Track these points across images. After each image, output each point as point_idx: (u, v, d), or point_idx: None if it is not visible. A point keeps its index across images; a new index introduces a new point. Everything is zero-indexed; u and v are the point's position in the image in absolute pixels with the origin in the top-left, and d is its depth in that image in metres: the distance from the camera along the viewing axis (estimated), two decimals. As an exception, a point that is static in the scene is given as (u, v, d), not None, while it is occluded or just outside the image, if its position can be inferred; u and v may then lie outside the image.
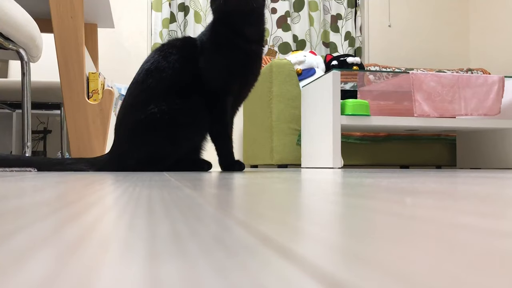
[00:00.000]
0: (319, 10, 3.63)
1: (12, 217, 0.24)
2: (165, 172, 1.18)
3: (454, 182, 0.68)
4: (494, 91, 2.30)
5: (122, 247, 0.16)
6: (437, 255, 0.15)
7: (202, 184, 0.58)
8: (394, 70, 3.27)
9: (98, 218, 0.24)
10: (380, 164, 2.74)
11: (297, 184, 0.61)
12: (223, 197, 0.38)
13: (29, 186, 0.53)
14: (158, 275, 0.12)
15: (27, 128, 1.49)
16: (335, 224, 0.22)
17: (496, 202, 0.35)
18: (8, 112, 2.85)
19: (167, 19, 3.36)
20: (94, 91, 1.83)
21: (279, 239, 0.18)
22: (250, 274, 0.12)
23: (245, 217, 0.25)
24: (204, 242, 0.17)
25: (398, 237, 0.18)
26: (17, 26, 1.35)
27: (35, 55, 1.55)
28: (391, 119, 2.23)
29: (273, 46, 3.57)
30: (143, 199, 0.36)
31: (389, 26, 3.82)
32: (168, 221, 0.23)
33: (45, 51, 2.46)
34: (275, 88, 2.55)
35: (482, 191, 0.48)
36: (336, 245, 0.17)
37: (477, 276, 0.12)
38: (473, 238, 0.18)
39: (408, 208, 0.29)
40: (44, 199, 0.35)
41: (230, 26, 1.34)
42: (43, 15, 2.00)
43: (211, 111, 1.35)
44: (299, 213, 0.26)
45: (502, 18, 3.61)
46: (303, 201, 0.35)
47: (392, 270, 0.13)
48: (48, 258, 0.14)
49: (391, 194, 0.42)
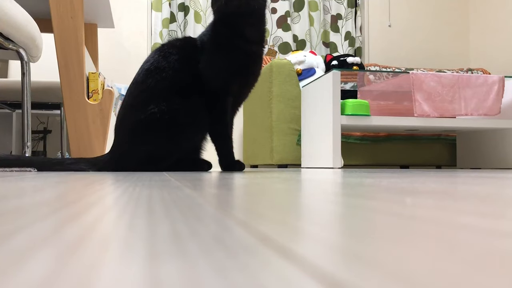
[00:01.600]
0: (319, 10, 3.63)
1: (12, 217, 0.24)
2: (165, 172, 1.18)
3: (454, 182, 0.68)
4: (494, 91, 2.30)
5: (122, 247, 0.16)
6: (437, 255, 0.15)
7: (202, 184, 0.58)
8: (394, 70, 3.27)
9: (98, 218, 0.24)
10: (380, 164, 2.74)
11: (297, 184, 0.61)
12: (223, 197, 0.38)
13: (29, 186, 0.53)
14: (158, 275, 0.12)
15: (27, 128, 1.49)
16: (335, 224, 0.22)
17: (496, 202, 0.35)
18: (8, 112, 2.85)
19: (167, 19, 3.36)
20: (94, 91, 1.83)
21: (279, 239, 0.18)
22: (250, 274, 0.12)
23: (245, 217, 0.25)
24: (204, 242, 0.17)
25: (398, 237, 0.18)
26: (17, 26, 1.35)
27: (35, 55, 1.55)
28: (391, 119, 2.23)
29: (273, 46, 3.57)
30: (143, 199, 0.36)
31: (389, 26, 3.82)
32: (168, 221, 0.23)
33: (45, 51, 2.46)
34: (275, 88, 2.55)
35: (482, 191, 0.48)
36: (336, 245, 0.17)
37: (477, 276, 0.12)
38: (473, 238, 0.18)
39: (408, 208, 0.29)
40: (44, 199, 0.35)
41: (231, 26, 1.34)
42: (43, 15, 2.00)
43: (211, 111, 1.35)
44: (299, 213, 0.26)
45: (502, 18, 3.61)
46: (303, 201, 0.35)
47: (392, 270, 0.13)
48: (48, 258, 0.14)
49: (391, 194, 0.42)
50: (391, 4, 3.83)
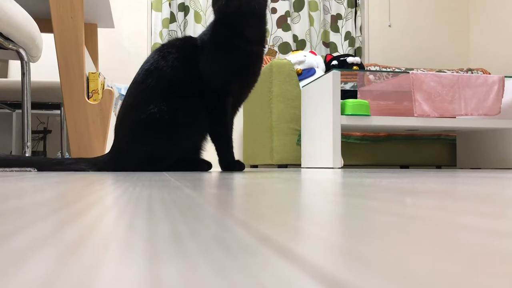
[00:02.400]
0: (319, 10, 3.63)
1: (12, 217, 0.24)
2: (165, 172, 1.18)
3: (454, 182, 0.68)
4: (494, 91, 2.30)
5: (122, 247, 0.16)
6: (437, 255, 0.15)
7: (202, 184, 0.58)
8: (394, 70, 3.27)
9: (98, 218, 0.24)
10: (380, 164, 2.74)
11: (297, 184, 0.60)
12: (223, 197, 0.38)
13: (29, 186, 0.53)
14: (158, 275, 0.12)
15: (27, 128, 1.49)
16: (335, 224, 0.22)
17: (496, 202, 0.35)
18: (8, 112, 2.85)
19: (167, 19, 3.36)
20: (94, 91, 1.83)
21: (279, 239, 0.18)
22: (250, 274, 0.12)
23: (245, 217, 0.25)
24: (204, 242, 0.17)
25: (398, 237, 0.18)
26: (17, 26, 1.35)
27: (35, 55, 1.55)
28: (391, 119, 2.23)
29: (273, 46, 3.57)
30: (143, 199, 0.36)
31: (389, 26, 3.82)
32: (168, 221, 0.23)
33: (45, 51, 2.46)
34: (275, 88, 2.55)
35: (482, 191, 0.48)
36: (336, 245, 0.17)
37: (477, 276, 0.12)
38: (473, 238, 0.18)
39: (408, 208, 0.29)
40: (44, 199, 0.35)
41: (232, 27, 1.33)
42: (43, 15, 2.00)
43: (211, 111, 1.35)
44: (299, 213, 0.26)
45: (502, 18, 3.61)
46: (303, 201, 0.35)
47: (392, 270, 0.13)
48: (48, 258, 0.14)
49: (391, 194, 0.42)
50: (391, 4, 3.83)
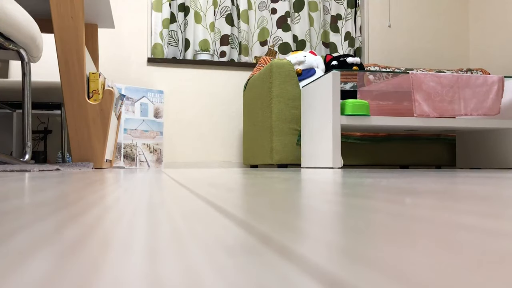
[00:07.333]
0: (319, 11, 3.63)
1: (12, 217, 0.24)
2: (165, 172, 1.18)
3: (454, 182, 0.68)
4: (493, 91, 2.30)
5: (122, 247, 0.16)
6: (437, 255, 0.15)
7: (202, 184, 0.58)
8: (394, 70, 3.27)
9: (98, 218, 0.24)
10: (380, 164, 2.74)
11: (297, 184, 0.60)
12: (223, 197, 0.38)
13: (29, 186, 0.53)
14: (158, 275, 0.12)
15: (28, 128, 1.49)
16: (335, 224, 0.22)
17: (496, 202, 0.35)
18: (9, 112, 2.85)
19: (167, 19, 3.36)
20: (95, 91, 1.83)
21: (279, 239, 0.18)
22: (250, 274, 0.12)
23: (245, 217, 0.25)
24: (204, 242, 0.17)
25: (398, 237, 0.18)
26: (18, 26, 1.35)
27: (35, 55, 1.55)
28: (391, 119, 2.23)
29: (273, 46, 3.57)
30: (143, 199, 0.36)
31: (389, 26, 3.82)
32: (168, 221, 0.23)
33: (46, 51, 2.46)
34: (275, 88, 2.55)
35: (482, 191, 0.48)
36: (336, 245, 0.17)
37: (477, 276, 0.12)
38: (473, 238, 0.18)
39: (408, 208, 0.29)
40: (44, 199, 0.35)
41: None
42: (44, 15, 2.00)
43: None
44: (299, 213, 0.26)
45: (502, 18, 3.61)
46: (303, 201, 0.35)
47: (392, 270, 0.13)
48: (48, 258, 0.14)
49: (391, 194, 0.42)
50: (391, 4, 3.83)
